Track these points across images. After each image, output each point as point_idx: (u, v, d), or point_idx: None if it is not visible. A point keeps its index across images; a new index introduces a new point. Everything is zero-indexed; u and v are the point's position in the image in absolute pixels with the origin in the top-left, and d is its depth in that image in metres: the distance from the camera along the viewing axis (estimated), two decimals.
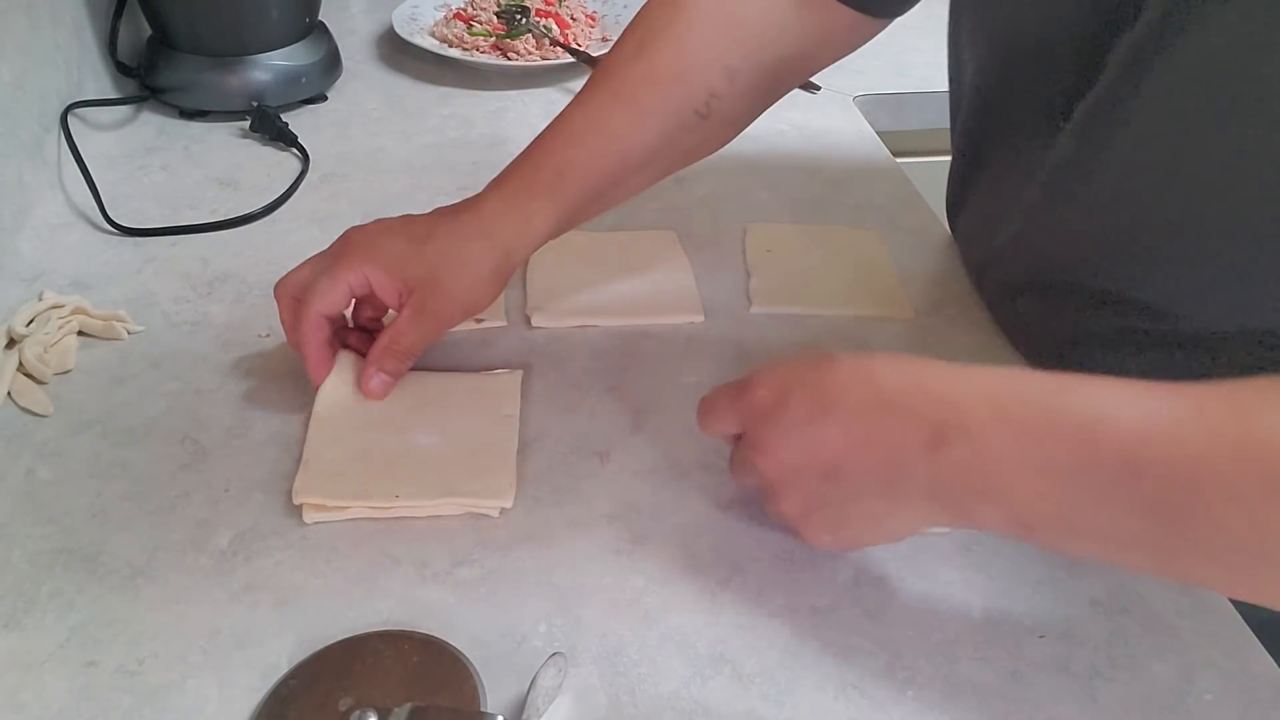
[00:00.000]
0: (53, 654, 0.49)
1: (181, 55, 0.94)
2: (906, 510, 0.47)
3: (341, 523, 0.56)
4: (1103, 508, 0.41)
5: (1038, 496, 0.42)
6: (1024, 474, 0.42)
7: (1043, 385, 0.43)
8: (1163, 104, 0.51)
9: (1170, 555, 0.41)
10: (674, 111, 0.63)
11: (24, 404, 0.63)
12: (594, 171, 0.63)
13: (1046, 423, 0.42)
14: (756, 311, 0.74)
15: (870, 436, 0.46)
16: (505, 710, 0.47)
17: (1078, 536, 0.43)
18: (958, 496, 0.44)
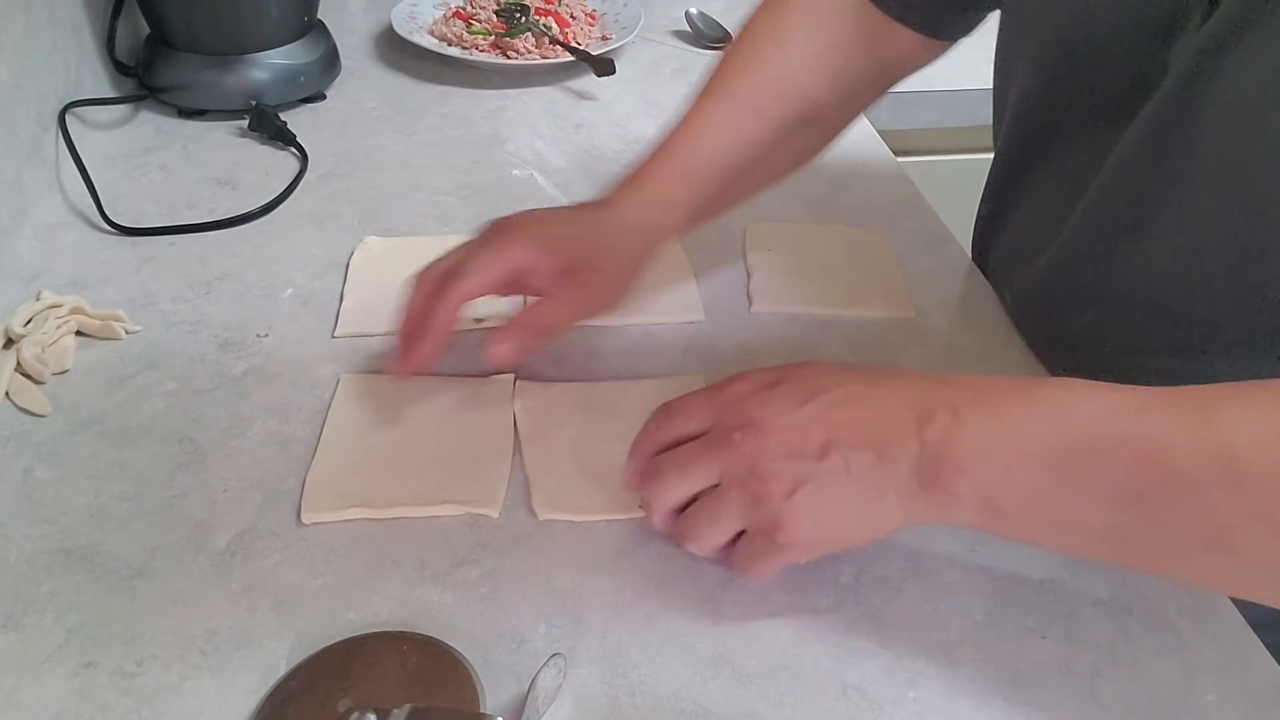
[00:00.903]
0: (51, 654, 0.49)
1: (180, 54, 0.94)
2: (889, 498, 0.47)
3: (340, 523, 0.56)
4: (1068, 490, 0.43)
5: (1009, 476, 0.44)
6: (997, 452, 0.44)
7: (1022, 378, 0.46)
8: (1233, 106, 0.50)
9: (1132, 543, 0.43)
10: (782, 116, 0.68)
11: (22, 404, 0.62)
12: (717, 172, 0.66)
13: (1021, 403, 0.44)
14: (757, 311, 0.73)
15: (860, 415, 0.47)
16: (505, 711, 0.47)
17: (1045, 524, 0.45)
18: (937, 475, 0.45)
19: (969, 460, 0.44)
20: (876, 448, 0.46)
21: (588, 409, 0.64)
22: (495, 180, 0.88)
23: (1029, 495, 0.44)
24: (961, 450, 0.44)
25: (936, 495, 0.46)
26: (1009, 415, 0.44)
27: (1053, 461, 0.43)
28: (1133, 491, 0.41)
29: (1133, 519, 0.42)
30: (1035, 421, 0.44)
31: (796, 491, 0.47)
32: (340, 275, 0.75)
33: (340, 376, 0.65)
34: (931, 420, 0.45)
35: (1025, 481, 0.43)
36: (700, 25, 1.18)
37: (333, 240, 0.79)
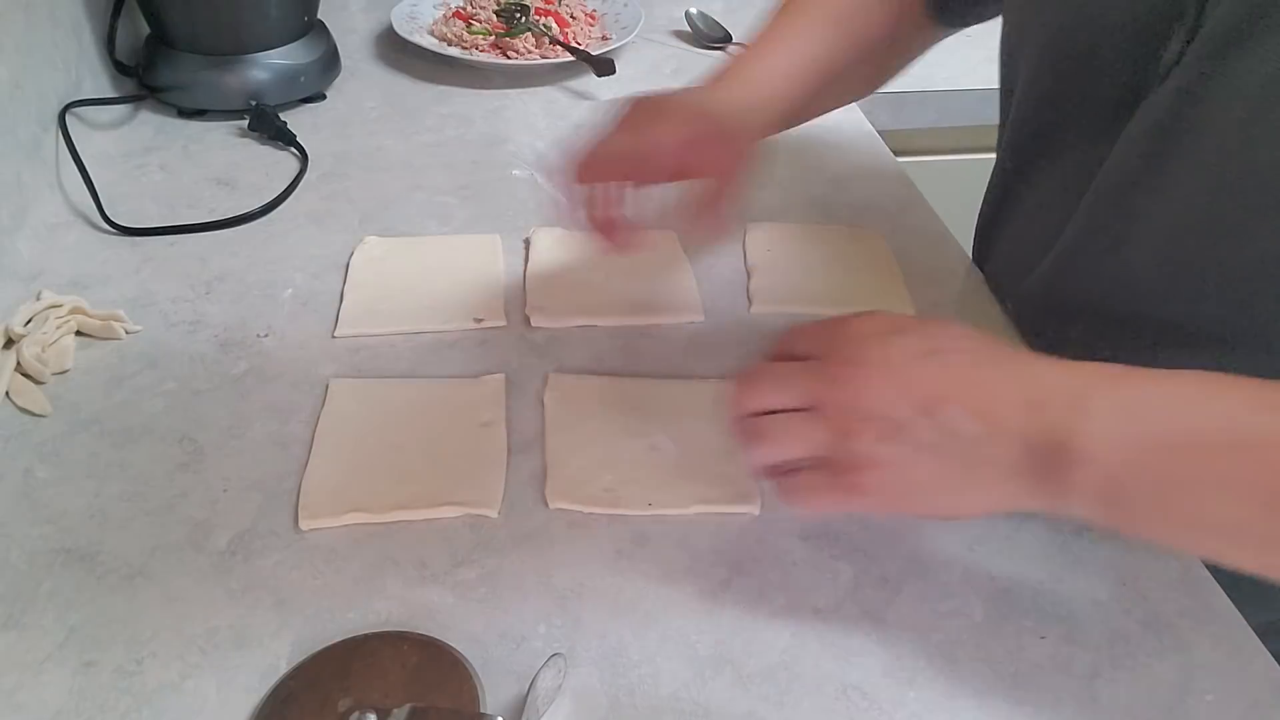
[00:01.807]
0: (51, 654, 0.49)
1: (180, 54, 0.94)
2: (987, 477, 0.44)
3: (340, 525, 0.56)
4: (1205, 488, 0.40)
5: (1136, 469, 0.41)
6: (1124, 443, 0.41)
7: (1149, 369, 0.43)
8: (1234, 104, 0.49)
9: (1266, 543, 0.40)
10: (855, 38, 0.71)
11: (22, 404, 0.62)
12: (805, 77, 0.69)
13: (1155, 393, 0.42)
14: (757, 311, 0.74)
15: (979, 384, 0.44)
16: (505, 711, 0.47)
17: (1174, 522, 0.42)
18: (1054, 464, 0.42)
19: (1093, 450, 0.41)
20: (989, 422, 0.43)
21: (617, 404, 0.64)
22: (495, 180, 0.88)
23: (1158, 490, 0.41)
24: (1084, 439, 0.41)
25: (1049, 484, 0.43)
26: (1139, 404, 0.42)
27: (1189, 456, 0.40)
28: (1273, 490, 0.39)
29: (1272, 519, 0.39)
30: (1169, 412, 0.41)
31: (890, 441, 0.44)
32: (340, 275, 0.75)
33: (329, 382, 0.65)
34: (1052, 404, 0.42)
35: (1155, 476, 0.41)
36: (700, 25, 1.18)
37: (333, 240, 0.79)
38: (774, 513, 0.58)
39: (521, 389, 0.65)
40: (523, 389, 0.65)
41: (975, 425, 0.43)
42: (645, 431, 0.62)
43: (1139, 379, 0.43)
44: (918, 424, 0.44)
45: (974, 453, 0.44)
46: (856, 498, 0.46)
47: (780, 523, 0.57)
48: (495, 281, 0.75)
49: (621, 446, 0.61)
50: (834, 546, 0.56)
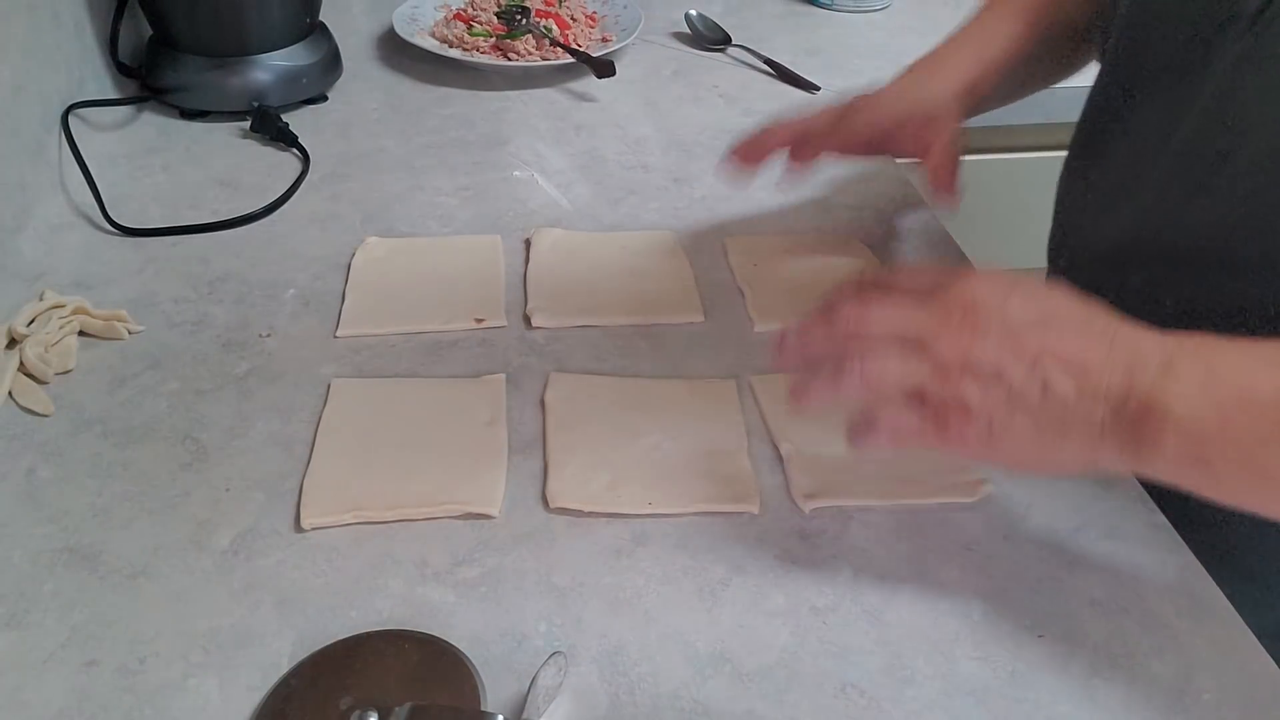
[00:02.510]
0: (54, 653, 0.49)
1: (182, 55, 0.94)
2: (1075, 436, 0.45)
3: (341, 524, 0.56)
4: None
5: (1223, 428, 0.42)
6: (1211, 403, 0.43)
7: (1234, 339, 0.44)
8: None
9: None
10: (1049, 30, 0.77)
11: (25, 404, 0.63)
12: (1002, 65, 0.76)
13: (1237, 354, 0.43)
14: (761, 330, 0.72)
15: (1077, 345, 0.46)
16: (505, 709, 0.47)
17: (1257, 477, 0.43)
18: (1142, 425, 0.44)
19: (1180, 410, 0.43)
20: (1080, 382, 0.45)
21: (618, 404, 0.64)
22: (496, 181, 0.89)
23: (1245, 448, 0.42)
24: (1171, 399, 0.43)
25: (1136, 445, 0.44)
26: (1225, 365, 0.43)
27: (1273, 413, 0.41)
28: None
29: None
30: (1253, 373, 0.42)
31: (989, 391, 0.46)
32: (342, 276, 0.76)
33: (331, 381, 0.65)
34: (1143, 368, 0.44)
35: (1241, 433, 0.42)
36: (700, 27, 1.18)
37: (334, 241, 0.79)
38: (774, 513, 0.58)
39: (521, 389, 0.66)
40: (523, 389, 0.66)
41: (1070, 386, 0.45)
42: (645, 431, 0.62)
43: (1225, 345, 0.44)
44: (1019, 381, 0.45)
45: (1066, 413, 0.45)
46: (947, 441, 0.48)
47: (780, 523, 0.57)
48: (496, 282, 0.75)
49: (621, 446, 0.61)
50: (833, 546, 0.56)
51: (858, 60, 1.14)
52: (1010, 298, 0.47)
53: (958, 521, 0.58)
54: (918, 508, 0.59)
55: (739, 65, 1.13)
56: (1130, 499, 0.60)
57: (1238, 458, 0.43)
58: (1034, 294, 0.48)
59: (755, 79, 1.10)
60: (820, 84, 1.07)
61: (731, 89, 1.07)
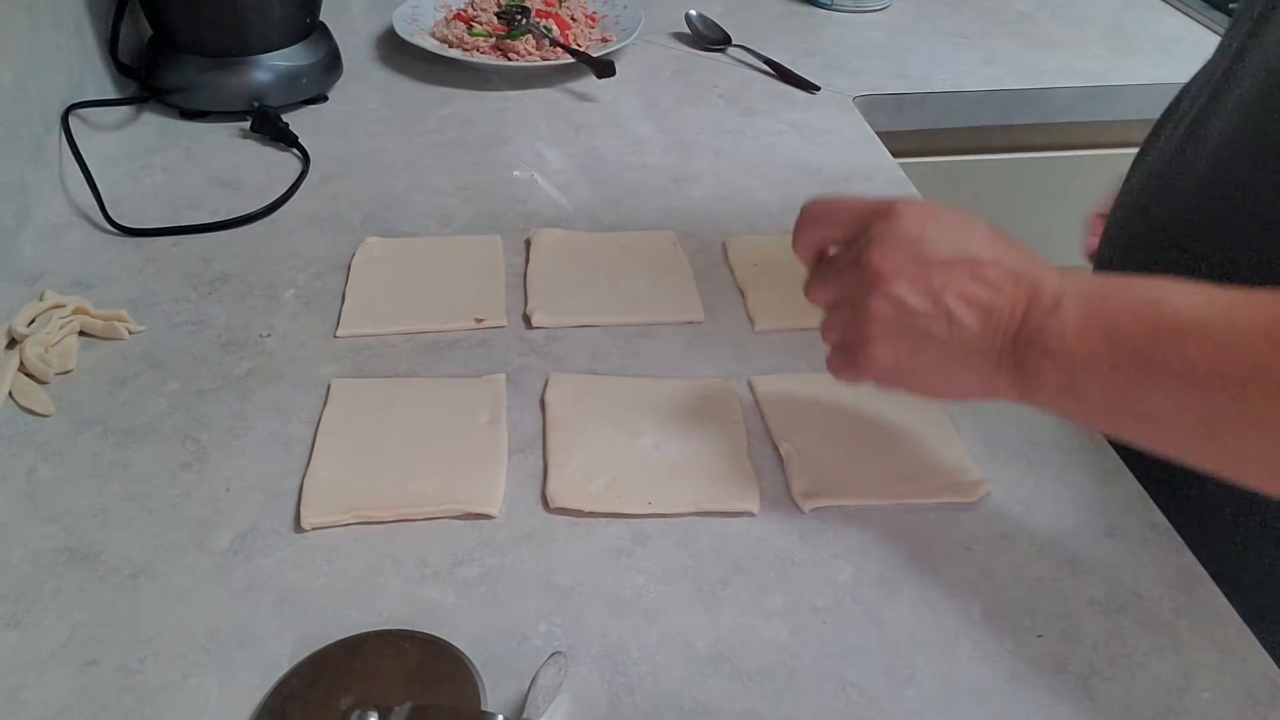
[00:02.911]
0: (54, 653, 0.49)
1: (182, 56, 0.94)
2: (976, 366, 0.48)
3: (341, 525, 0.56)
4: (1147, 375, 0.43)
5: (1091, 361, 0.45)
6: (1084, 337, 0.45)
7: (1133, 278, 0.47)
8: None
9: (1206, 437, 0.43)
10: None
11: (25, 404, 0.63)
12: None
13: (1117, 293, 0.45)
14: (761, 330, 0.72)
15: (984, 284, 0.48)
16: (506, 709, 0.47)
17: (1126, 412, 0.45)
18: (1025, 357, 0.46)
19: (1055, 344, 0.45)
20: (983, 318, 0.48)
21: (618, 404, 0.64)
22: (496, 181, 0.89)
23: (1109, 380, 0.44)
24: (1050, 335, 0.46)
25: (1022, 376, 0.47)
26: (1102, 303, 0.45)
27: (1135, 347, 0.44)
28: (1209, 382, 0.42)
29: (1211, 405, 0.42)
30: (1126, 310, 0.45)
31: (893, 326, 0.49)
32: (342, 276, 0.76)
33: (331, 381, 0.65)
34: (1037, 305, 0.47)
35: (1106, 366, 0.44)
36: (700, 27, 1.18)
37: (334, 241, 0.80)
38: (774, 513, 0.58)
39: (521, 389, 0.66)
40: (523, 389, 0.66)
41: (974, 320, 0.48)
42: (645, 431, 0.62)
43: (1117, 283, 0.46)
44: (921, 315, 0.49)
45: (969, 345, 0.48)
46: (861, 372, 0.51)
47: (780, 523, 0.57)
48: (495, 281, 0.75)
49: (621, 446, 0.61)
50: (833, 546, 0.56)
51: (858, 60, 1.14)
52: (925, 232, 0.50)
53: (958, 521, 0.58)
54: (918, 508, 0.59)
55: (739, 65, 1.13)
56: (1130, 499, 0.60)
57: (1105, 392, 0.45)
58: (951, 229, 0.50)
59: (755, 79, 1.10)
60: (820, 84, 1.07)
61: (731, 89, 1.07)
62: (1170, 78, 1.12)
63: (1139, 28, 1.25)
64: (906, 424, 0.64)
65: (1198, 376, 0.42)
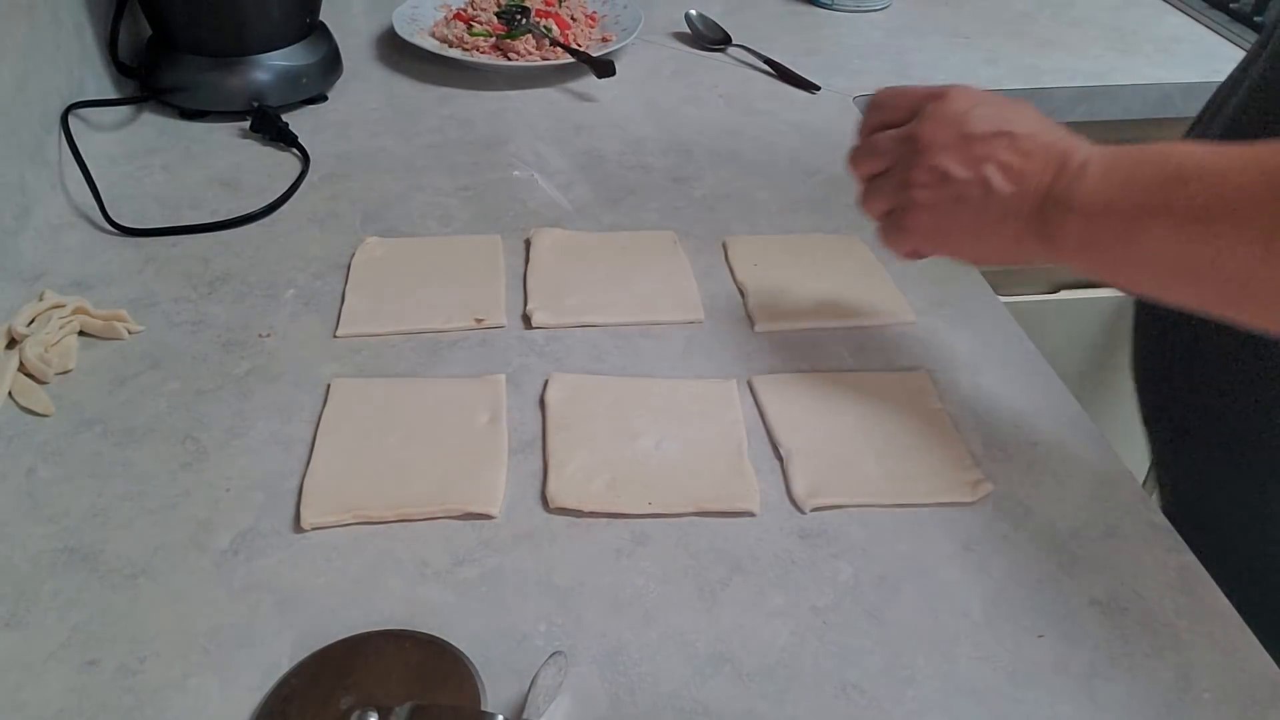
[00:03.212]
0: (54, 653, 0.49)
1: (182, 56, 0.94)
2: (1007, 230, 0.54)
3: (341, 524, 0.56)
4: (1157, 218, 0.47)
5: (1110, 209, 0.49)
6: (1106, 187, 0.50)
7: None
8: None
9: (1210, 273, 0.46)
10: None
11: (25, 404, 0.63)
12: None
13: (1136, 153, 0.50)
14: (761, 329, 0.72)
15: (1022, 155, 0.53)
16: (506, 709, 0.47)
17: (1137, 261, 0.49)
18: (1051, 216, 0.51)
19: (1076, 200, 0.50)
20: (1016, 183, 0.53)
21: (618, 404, 0.64)
22: (496, 181, 0.89)
23: (1122, 227, 0.49)
24: (1074, 192, 0.50)
25: (1048, 235, 0.52)
26: (1120, 160, 0.50)
27: (1144, 192, 0.48)
28: (1207, 219, 0.45)
29: (1212, 238, 0.45)
30: (1140, 163, 0.49)
31: (934, 192, 0.56)
32: (342, 275, 0.76)
33: (331, 381, 0.65)
34: (1065, 170, 0.51)
35: (1118, 213, 0.49)
36: (700, 27, 1.18)
37: (334, 241, 0.80)
38: (774, 513, 0.58)
39: (521, 389, 0.66)
40: (523, 389, 0.66)
41: (1008, 186, 0.53)
42: (645, 431, 0.62)
43: (1140, 146, 0.50)
44: (961, 181, 0.55)
45: (1001, 207, 0.53)
46: (906, 236, 0.58)
47: (780, 523, 0.57)
48: (495, 281, 0.75)
49: (621, 446, 0.61)
50: (833, 546, 0.56)
51: (858, 60, 1.14)
52: (973, 111, 0.55)
53: (957, 521, 0.58)
54: (918, 508, 0.59)
55: (739, 65, 1.13)
56: (1130, 499, 0.60)
57: (1118, 242, 0.49)
58: (996, 108, 0.56)
59: (755, 79, 1.10)
60: (820, 84, 1.07)
61: (731, 89, 1.07)
62: (1170, 78, 1.12)
63: (1139, 28, 1.25)
64: (906, 424, 0.64)
65: (1196, 209, 0.46)
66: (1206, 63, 1.15)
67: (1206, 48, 1.20)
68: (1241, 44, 1.19)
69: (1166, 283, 0.49)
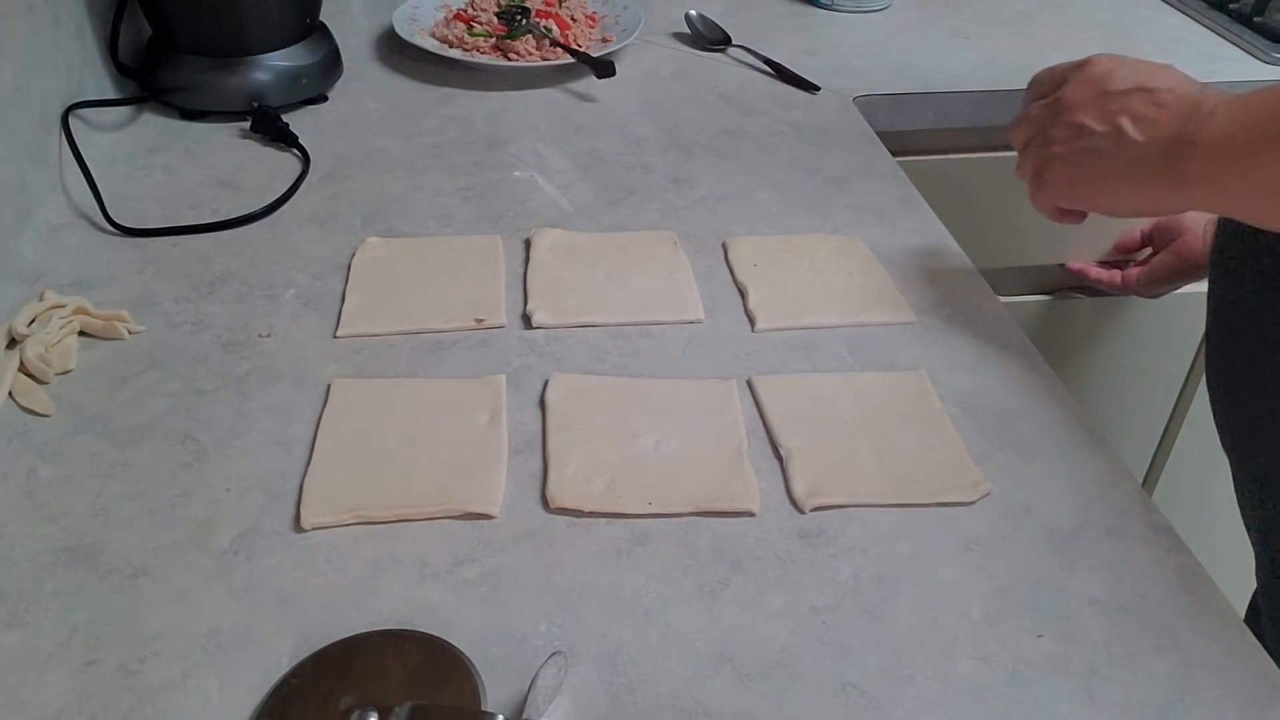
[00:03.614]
0: (54, 653, 0.49)
1: (182, 56, 0.94)
2: (1136, 178, 0.59)
3: (341, 525, 0.56)
4: (1270, 150, 0.52)
5: (1232, 144, 0.54)
6: (1229, 126, 0.54)
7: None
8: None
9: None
10: None
11: (25, 404, 0.63)
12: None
13: (1260, 93, 0.54)
14: (761, 329, 0.72)
15: (1156, 108, 0.58)
16: (505, 709, 0.47)
17: (1254, 193, 0.54)
18: (1180, 158, 0.56)
19: (1203, 140, 0.55)
20: (1149, 133, 0.58)
21: (618, 404, 0.64)
22: (496, 181, 0.89)
23: (1240, 163, 0.53)
24: (1202, 134, 0.55)
25: (1173, 176, 0.56)
26: (1244, 102, 0.54)
27: (1263, 127, 0.52)
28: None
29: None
30: (1261, 104, 0.53)
31: (1072, 146, 0.62)
32: (342, 276, 0.76)
33: (331, 381, 0.65)
34: (1194, 116, 0.56)
35: (1240, 148, 0.53)
36: (700, 27, 1.18)
37: (335, 241, 0.80)
38: (774, 513, 0.58)
39: (521, 389, 0.66)
40: (523, 389, 0.66)
41: (1140, 135, 0.58)
42: (645, 431, 0.62)
43: (1265, 90, 0.54)
44: (1100, 133, 0.60)
45: (1133, 156, 0.59)
46: (1047, 191, 0.65)
47: (780, 523, 0.57)
48: (495, 281, 0.75)
49: (621, 446, 0.61)
50: (833, 546, 0.56)
51: (858, 60, 1.14)
52: (1114, 72, 0.61)
53: (958, 521, 0.58)
54: (918, 508, 0.59)
55: (739, 65, 1.13)
56: (1130, 499, 0.60)
57: (1239, 173, 0.53)
58: (1137, 68, 0.61)
59: (755, 79, 1.10)
60: (820, 84, 1.07)
61: (731, 89, 1.07)
62: None
63: (1139, 28, 1.25)
64: (906, 424, 0.64)
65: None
66: (1206, 64, 1.15)
67: (1206, 49, 1.20)
68: (1241, 45, 1.19)
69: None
